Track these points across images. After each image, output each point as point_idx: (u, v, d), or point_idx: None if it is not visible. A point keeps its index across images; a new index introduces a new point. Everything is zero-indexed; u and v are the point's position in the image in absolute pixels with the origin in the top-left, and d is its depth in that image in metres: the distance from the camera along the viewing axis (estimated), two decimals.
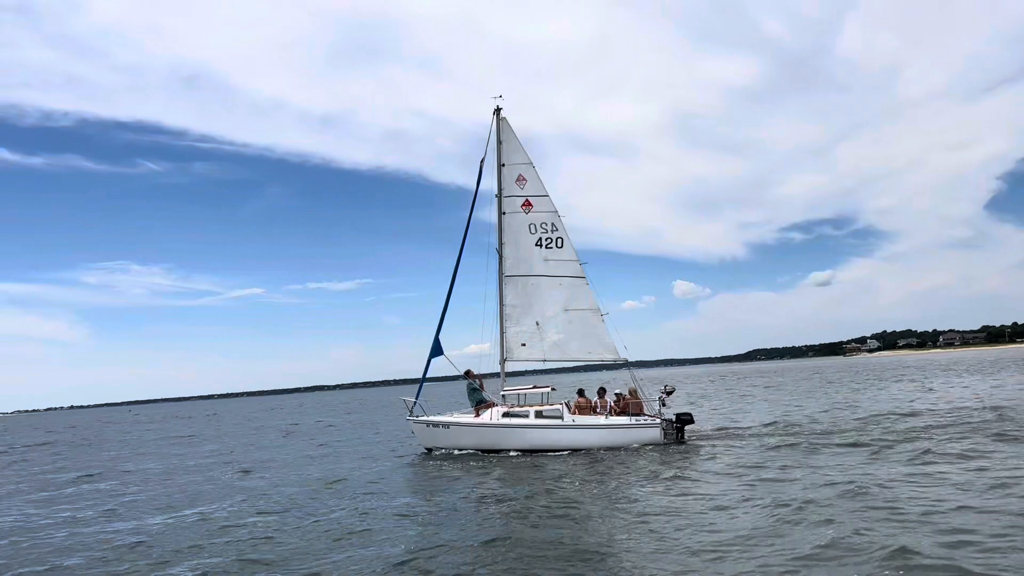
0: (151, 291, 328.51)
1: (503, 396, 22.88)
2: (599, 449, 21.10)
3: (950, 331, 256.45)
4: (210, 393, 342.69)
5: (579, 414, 21.99)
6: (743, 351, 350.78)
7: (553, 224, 23.31)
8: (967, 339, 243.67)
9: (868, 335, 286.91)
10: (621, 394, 22.61)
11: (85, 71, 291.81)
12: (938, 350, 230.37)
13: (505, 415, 22.13)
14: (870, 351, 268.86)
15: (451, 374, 24.32)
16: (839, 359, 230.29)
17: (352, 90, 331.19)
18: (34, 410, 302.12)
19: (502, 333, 23.47)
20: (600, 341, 23.12)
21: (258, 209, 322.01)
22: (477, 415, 22.71)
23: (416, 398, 23.77)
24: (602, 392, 22.90)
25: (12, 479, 24.23)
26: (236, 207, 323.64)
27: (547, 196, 23.45)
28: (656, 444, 21.29)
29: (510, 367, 23.64)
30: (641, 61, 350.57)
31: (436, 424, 22.85)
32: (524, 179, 23.52)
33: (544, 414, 21.87)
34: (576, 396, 22.64)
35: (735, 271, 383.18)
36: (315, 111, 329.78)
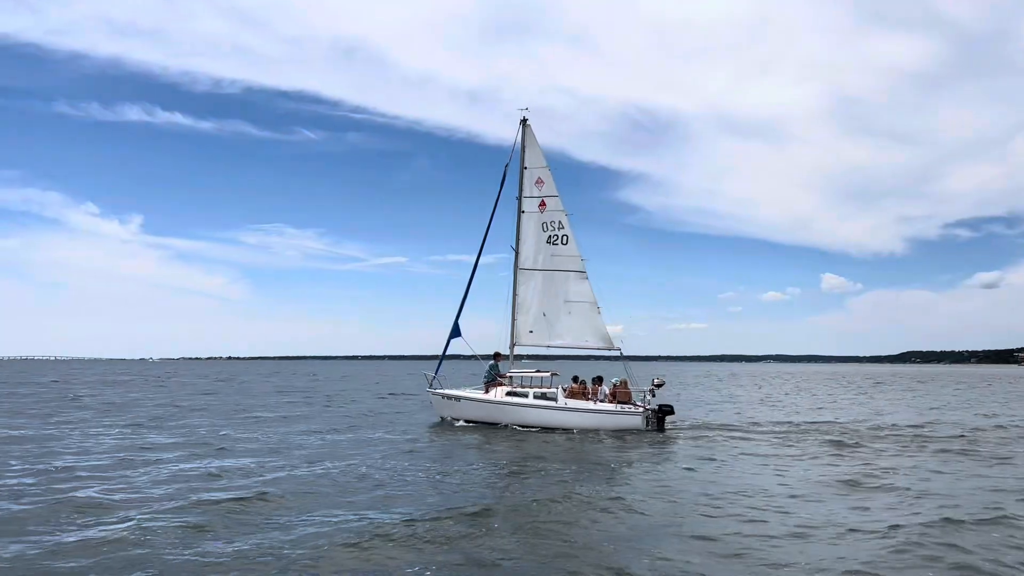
0: (304, 253, 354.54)
1: (510, 377, 25.35)
2: (585, 430, 23.10)
3: None
4: (354, 354, 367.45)
5: (572, 398, 24.05)
6: (896, 352, 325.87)
7: (560, 222, 25.34)
8: None
9: None
10: (616, 383, 24.39)
11: (252, 41, 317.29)
12: None
13: (508, 394, 24.64)
14: None
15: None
16: (1011, 368, 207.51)
17: (501, 66, 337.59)
18: (196, 358, 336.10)
19: (513, 320, 25.90)
20: (597, 331, 25.03)
21: (405, 180, 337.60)
22: (486, 392, 25.38)
23: (435, 373, 26.79)
24: (598, 380, 24.75)
25: None
26: (385, 177, 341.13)
27: (558, 197, 25.52)
28: (637, 430, 22.95)
29: (519, 351, 26.07)
30: (801, 40, 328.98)
31: (449, 397, 25.81)
32: (542, 181, 25.66)
33: (542, 396, 24.15)
34: (571, 382, 24.68)
35: (891, 267, 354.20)
36: (464, 86, 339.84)
